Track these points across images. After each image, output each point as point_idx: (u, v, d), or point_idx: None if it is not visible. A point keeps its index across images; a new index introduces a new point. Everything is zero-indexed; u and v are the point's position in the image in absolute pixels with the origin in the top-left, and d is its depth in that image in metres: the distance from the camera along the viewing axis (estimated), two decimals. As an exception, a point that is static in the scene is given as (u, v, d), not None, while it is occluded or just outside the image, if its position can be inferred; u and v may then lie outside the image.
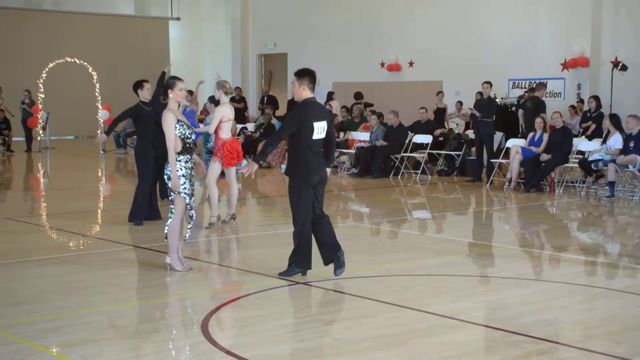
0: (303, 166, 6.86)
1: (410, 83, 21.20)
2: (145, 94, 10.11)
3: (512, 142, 14.79)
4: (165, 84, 7.32)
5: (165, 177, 7.17)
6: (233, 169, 9.83)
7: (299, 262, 7.05)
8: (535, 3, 19.26)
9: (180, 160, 7.08)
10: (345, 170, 16.83)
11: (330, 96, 21.64)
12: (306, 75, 6.93)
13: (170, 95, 7.20)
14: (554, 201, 12.80)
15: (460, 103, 19.12)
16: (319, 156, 6.95)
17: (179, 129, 7.08)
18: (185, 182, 7.09)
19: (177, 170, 7.06)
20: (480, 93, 15.94)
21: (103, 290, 6.69)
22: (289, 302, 6.46)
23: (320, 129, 6.88)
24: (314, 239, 7.07)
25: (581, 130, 15.85)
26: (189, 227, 7.44)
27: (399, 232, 10.06)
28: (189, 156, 7.15)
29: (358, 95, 21.33)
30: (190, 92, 13.65)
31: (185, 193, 7.09)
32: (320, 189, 7.05)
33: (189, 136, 7.13)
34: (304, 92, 6.91)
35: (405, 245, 9.08)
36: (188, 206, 7.18)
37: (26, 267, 7.64)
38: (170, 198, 7.21)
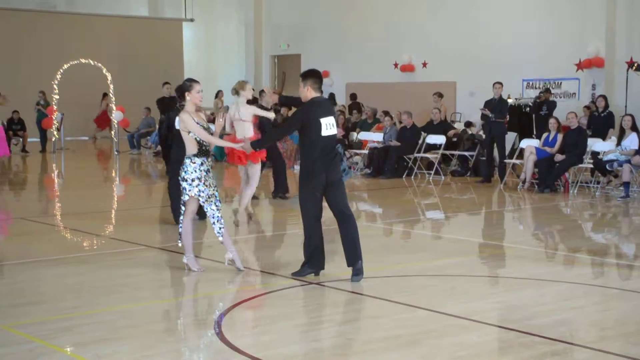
0: (309, 168, 6.89)
1: (424, 84, 21.15)
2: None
3: (526, 143, 14.72)
4: (181, 86, 7.32)
5: (180, 178, 7.17)
6: (253, 169, 9.85)
7: (312, 263, 7.04)
8: (550, 3, 19.18)
9: (194, 163, 7.08)
10: (358, 170, 16.81)
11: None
12: (309, 76, 7.01)
13: (188, 98, 7.18)
14: (568, 201, 12.73)
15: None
16: (329, 155, 6.90)
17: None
18: (199, 185, 7.07)
19: (192, 172, 7.05)
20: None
21: (117, 290, 6.71)
22: (302, 302, 6.46)
23: (329, 125, 6.90)
24: (340, 237, 7.02)
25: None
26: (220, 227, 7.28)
27: (412, 233, 10.04)
28: (205, 159, 7.14)
29: (353, 96, 21.38)
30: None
31: (199, 196, 7.08)
32: (335, 190, 6.92)
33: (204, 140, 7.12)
34: (308, 93, 6.99)
35: (419, 246, 9.06)
36: (216, 211, 7.11)
37: (40, 266, 7.67)
38: (182, 200, 7.20)
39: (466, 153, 16.34)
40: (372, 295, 6.54)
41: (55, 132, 22.35)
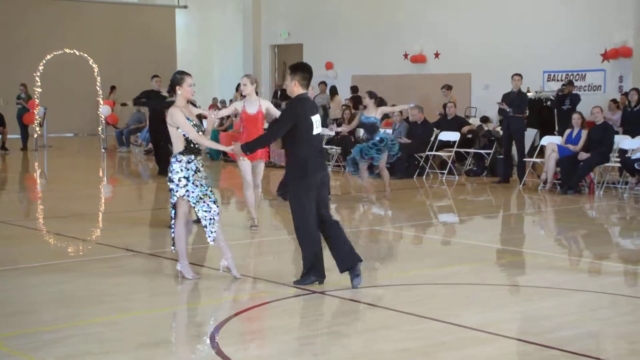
0: (301, 168, 6.95)
1: (436, 76, 21.15)
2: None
3: (547, 140, 14.71)
4: (172, 79, 7.33)
5: (168, 180, 7.18)
6: (256, 168, 9.84)
7: (315, 270, 7.05)
8: (573, -12, 19.16)
9: (181, 161, 7.10)
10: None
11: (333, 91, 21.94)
12: (299, 70, 7.09)
13: (179, 92, 7.20)
14: (594, 204, 12.72)
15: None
16: (320, 155, 7.11)
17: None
18: (187, 185, 7.09)
19: (178, 172, 7.08)
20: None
21: (104, 299, 6.72)
22: (304, 313, 6.46)
23: (317, 123, 7.05)
24: (327, 246, 7.08)
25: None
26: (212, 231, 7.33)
27: (423, 237, 10.04)
28: (192, 157, 7.15)
29: (354, 89, 21.38)
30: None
31: (188, 197, 7.09)
32: (323, 191, 7.08)
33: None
34: (295, 88, 7.06)
35: (431, 252, 9.06)
36: (208, 213, 7.12)
37: (21, 274, 7.68)
38: (171, 202, 7.21)
39: (482, 151, 16.33)
40: (379, 305, 6.54)
41: (37, 128, 22.38)
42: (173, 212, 7.24)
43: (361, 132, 17.05)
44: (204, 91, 29.23)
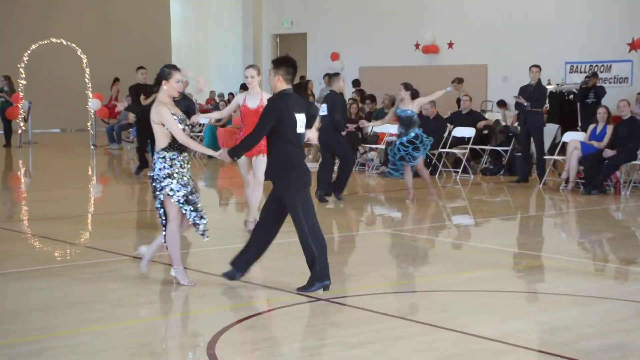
0: (292, 167, 7.00)
1: (450, 67, 21.14)
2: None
3: (569, 136, 14.68)
4: (159, 73, 7.34)
5: (150, 179, 7.20)
6: (256, 164, 9.79)
7: (321, 275, 7.06)
8: (597, -27, 19.14)
9: (164, 157, 7.11)
10: (374, 168, 16.80)
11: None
12: (282, 64, 7.16)
13: (164, 87, 7.21)
14: (620, 205, 12.70)
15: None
16: (304, 154, 7.23)
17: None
18: (171, 183, 7.10)
19: (161, 169, 7.09)
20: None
21: (94, 307, 6.72)
22: (309, 322, 6.46)
23: (302, 122, 7.10)
24: (251, 239, 7.23)
25: None
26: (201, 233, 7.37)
27: (436, 241, 10.03)
28: (176, 154, 7.17)
29: (356, 83, 21.36)
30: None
31: (172, 195, 7.10)
32: (309, 192, 7.19)
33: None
34: (279, 83, 7.13)
35: (443, 256, 9.05)
36: (193, 216, 7.15)
37: (5, 280, 7.69)
38: (157, 204, 7.21)
39: (499, 148, 16.31)
40: (390, 313, 6.54)
41: (21, 124, 22.42)
42: (162, 211, 7.22)
43: (369, 128, 17.07)
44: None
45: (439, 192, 14.31)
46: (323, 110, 12.52)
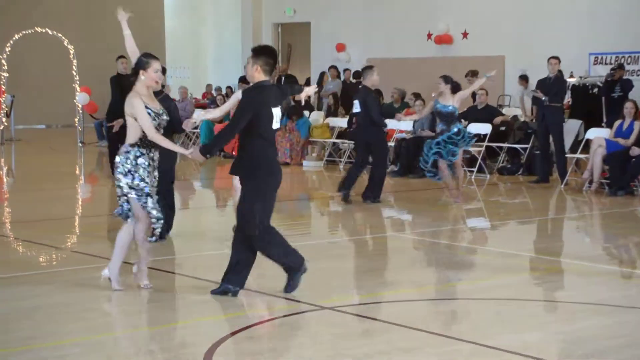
0: (264, 163, 7.08)
1: (464, 59, 21.13)
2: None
3: (593, 133, 14.67)
4: (136, 62, 7.39)
5: (117, 172, 7.23)
6: None
7: (296, 266, 7.18)
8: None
9: (128, 152, 7.17)
10: (383, 167, 16.80)
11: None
12: (262, 54, 7.21)
13: (141, 77, 7.26)
14: (647, 207, 12.72)
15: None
16: (276, 151, 7.34)
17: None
18: (134, 179, 7.15)
19: (125, 165, 7.16)
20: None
21: (81, 316, 6.74)
22: (312, 332, 6.46)
23: (277, 117, 7.19)
24: (234, 252, 7.21)
25: None
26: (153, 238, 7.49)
27: (449, 246, 10.04)
28: (145, 150, 7.21)
29: (357, 75, 21.35)
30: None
31: (135, 192, 7.16)
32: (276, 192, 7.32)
33: (157, 127, 7.20)
34: (256, 74, 7.18)
35: (457, 262, 9.05)
36: (151, 216, 7.22)
37: (-13, 286, 7.72)
38: (120, 201, 7.27)
39: (517, 146, 16.30)
40: (399, 323, 6.54)
41: (3, 119, 22.47)
42: (126, 207, 7.26)
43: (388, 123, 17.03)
44: (196, 77, 29.37)
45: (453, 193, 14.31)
46: (356, 106, 12.59)
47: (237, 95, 9.99)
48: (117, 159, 7.23)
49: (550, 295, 7.79)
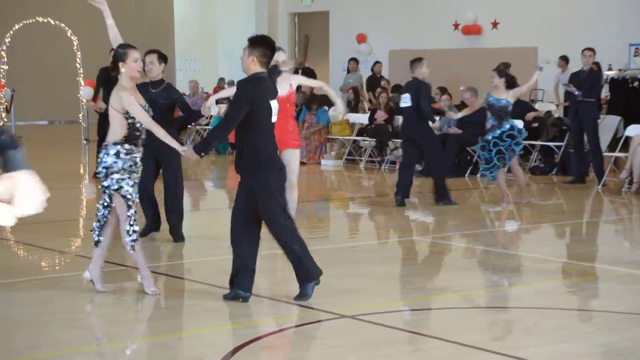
0: (268, 158, 7.13)
1: (494, 50, 21.08)
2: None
3: (633, 130, 14.59)
4: (114, 55, 7.44)
5: (102, 165, 7.32)
6: (292, 155, 9.79)
7: (312, 273, 7.17)
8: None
9: (113, 150, 7.22)
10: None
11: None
12: (259, 44, 7.25)
13: (122, 70, 7.32)
14: (691, 209, 12.65)
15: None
16: (276, 145, 7.34)
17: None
18: (123, 178, 7.20)
19: (113, 163, 7.19)
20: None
21: (86, 324, 6.76)
22: (331, 342, 6.45)
23: (275, 109, 7.23)
24: (238, 256, 7.21)
25: None
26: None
27: (477, 250, 10.01)
28: (132, 147, 7.25)
29: (377, 66, 21.36)
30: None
31: (121, 189, 7.20)
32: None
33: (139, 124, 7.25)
34: (253, 65, 7.22)
35: (486, 268, 9.04)
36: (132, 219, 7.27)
37: (-15, 292, 7.75)
38: (103, 198, 7.29)
39: (551, 144, 16.25)
40: (425, 332, 6.53)
41: (3, 115, 22.57)
42: (104, 211, 7.31)
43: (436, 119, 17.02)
44: (207, 70, 29.41)
45: (481, 193, 14.28)
46: (406, 100, 12.55)
47: None
48: (104, 159, 7.28)
49: (586, 304, 7.76)
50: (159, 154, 9.32)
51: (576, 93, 14.56)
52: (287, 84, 9.63)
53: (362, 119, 18.32)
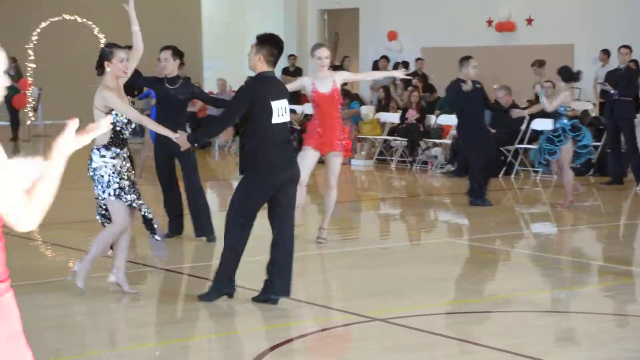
0: (262, 160, 7.11)
1: (528, 48, 20.98)
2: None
3: (672, 130, 14.50)
4: (100, 54, 7.49)
5: (91, 171, 7.40)
6: (329, 164, 9.77)
7: (221, 283, 7.15)
8: None
9: (104, 156, 7.28)
10: (438, 167, 16.74)
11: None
12: (267, 42, 7.26)
13: (108, 69, 7.38)
14: None
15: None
16: (287, 147, 7.28)
17: (117, 115, 7.28)
18: (118, 182, 7.24)
19: (101, 168, 7.22)
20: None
21: (112, 326, 6.80)
22: (361, 346, 6.45)
23: (281, 110, 7.16)
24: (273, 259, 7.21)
25: None
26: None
27: (511, 253, 9.98)
28: (118, 150, 7.30)
29: (404, 65, 21.24)
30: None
31: (119, 195, 7.22)
32: (291, 189, 7.24)
33: (124, 126, 7.28)
34: (259, 64, 7.22)
35: (521, 271, 8.99)
36: (139, 203, 7.32)
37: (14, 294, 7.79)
38: (99, 204, 7.34)
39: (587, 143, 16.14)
40: (459, 337, 6.51)
41: (30, 114, 22.68)
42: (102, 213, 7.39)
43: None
44: (235, 70, 29.40)
45: (515, 195, 14.22)
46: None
47: (303, 82, 10.01)
48: (94, 165, 7.39)
49: (626, 308, 7.70)
50: (174, 155, 9.51)
51: (612, 92, 14.48)
52: (331, 80, 9.61)
53: (393, 118, 18.27)
